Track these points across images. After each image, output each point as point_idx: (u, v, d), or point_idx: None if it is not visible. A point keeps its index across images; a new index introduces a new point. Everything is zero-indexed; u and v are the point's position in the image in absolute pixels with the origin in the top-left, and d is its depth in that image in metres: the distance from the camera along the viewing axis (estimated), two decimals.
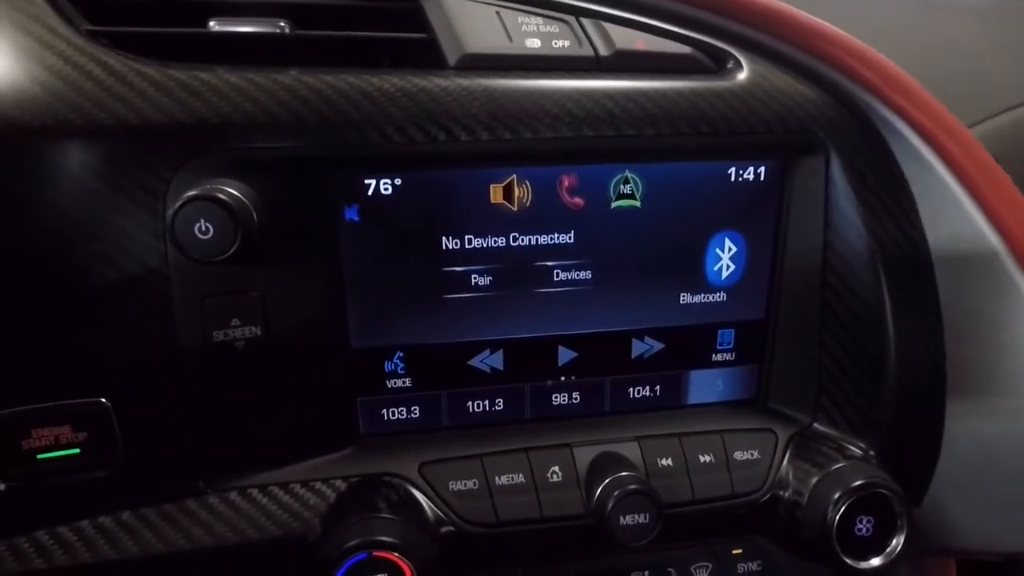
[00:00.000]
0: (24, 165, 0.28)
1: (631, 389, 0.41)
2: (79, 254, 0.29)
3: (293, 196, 0.33)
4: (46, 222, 0.29)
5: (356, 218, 0.35)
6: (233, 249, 0.30)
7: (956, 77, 0.71)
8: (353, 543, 0.31)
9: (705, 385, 0.42)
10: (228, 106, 0.31)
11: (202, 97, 0.31)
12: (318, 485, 0.34)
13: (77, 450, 0.30)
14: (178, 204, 0.29)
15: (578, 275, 0.38)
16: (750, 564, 0.41)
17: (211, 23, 0.35)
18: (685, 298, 0.40)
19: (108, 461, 0.31)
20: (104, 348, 0.30)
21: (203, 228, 0.29)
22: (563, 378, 0.40)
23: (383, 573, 0.31)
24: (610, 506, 0.34)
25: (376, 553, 0.31)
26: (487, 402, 0.39)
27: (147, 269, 0.30)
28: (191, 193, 0.29)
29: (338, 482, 0.35)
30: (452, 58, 0.36)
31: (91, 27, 0.32)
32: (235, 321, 0.32)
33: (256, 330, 0.33)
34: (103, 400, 0.30)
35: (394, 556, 0.31)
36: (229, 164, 0.31)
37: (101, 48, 0.31)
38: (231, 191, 0.30)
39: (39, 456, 0.30)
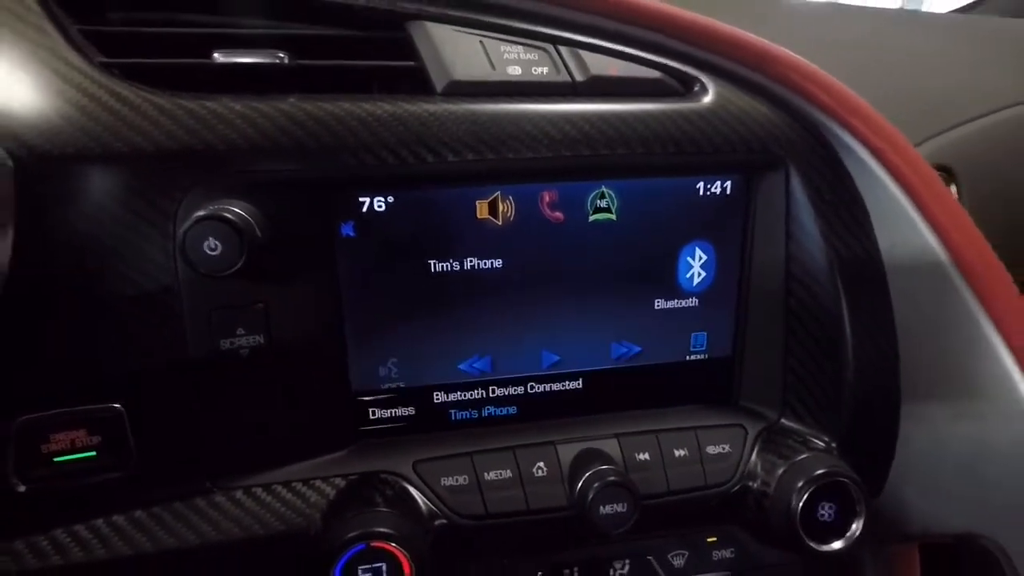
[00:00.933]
0: (47, 190, 0.30)
1: (610, 389, 0.43)
2: (97, 271, 0.32)
3: (293, 214, 0.36)
4: (68, 242, 0.31)
5: (352, 233, 0.38)
6: (239, 264, 0.32)
7: (917, 90, 0.75)
8: (352, 535, 0.33)
9: (680, 384, 0.44)
10: (233, 133, 0.34)
11: (209, 125, 0.33)
12: (318, 483, 0.37)
13: (93, 453, 0.32)
14: (188, 224, 0.32)
15: (559, 283, 0.41)
16: (724, 552, 0.43)
17: (215, 55, 0.38)
18: (659, 304, 0.43)
19: (121, 463, 0.33)
20: (119, 357, 0.33)
21: (212, 245, 0.32)
22: (547, 380, 0.43)
23: (381, 563, 0.33)
24: (591, 497, 0.36)
25: (374, 544, 0.33)
26: (476, 403, 0.42)
27: (160, 284, 0.33)
28: (200, 213, 0.32)
29: (337, 480, 0.37)
30: (439, 85, 0.38)
31: (104, 59, 0.34)
32: (240, 330, 0.35)
33: (260, 339, 0.35)
34: (117, 405, 0.33)
35: (391, 546, 0.33)
36: (235, 186, 0.34)
37: (114, 79, 0.33)
38: (237, 211, 0.33)
39: (56, 459, 0.33)
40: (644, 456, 0.40)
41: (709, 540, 0.43)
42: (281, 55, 0.38)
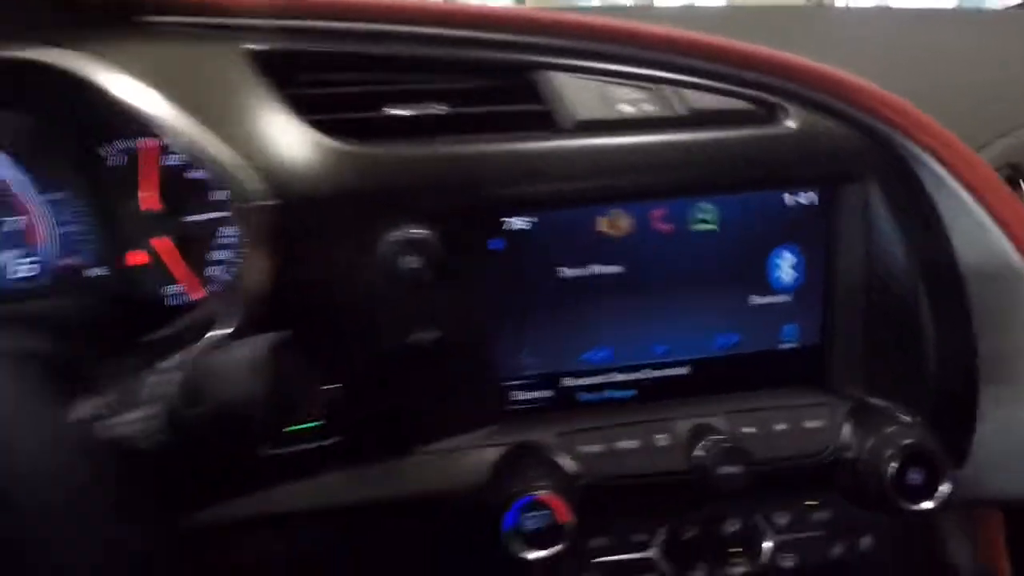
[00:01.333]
0: (291, 224, 0.40)
1: (715, 374, 0.50)
2: (326, 286, 0.41)
3: (456, 233, 0.44)
4: (304, 263, 0.41)
5: (499, 247, 0.46)
6: (426, 276, 0.41)
7: (988, 86, 0.78)
8: (521, 488, 0.41)
9: (776, 369, 0.51)
10: (413, 172, 0.43)
11: (395, 167, 0.43)
12: (484, 450, 0.45)
13: (321, 422, 0.42)
14: (388, 246, 0.41)
15: (669, 284, 0.49)
16: (822, 514, 0.49)
17: (385, 108, 0.47)
18: (754, 300, 0.50)
19: (340, 431, 0.42)
20: (340, 350, 0.42)
21: (406, 263, 0.41)
22: (660, 367, 0.50)
23: (545, 511, 0.41)
24: (708, 460, 0.43)
25: (539, 496, 0.41)
26: (599, 387, 0.50)
27: (368, 294, 0.42)
28: (396, 237, 0.41)
29: (497, 448, 0.45)
30: (566, 124, 0.47)
31: (312, 117, 0.44)
32: (422, 328, 0.43)
33: (436, 334, 0.44)
34: (340, 386, 0.42)
35: (552, 498, 0.41)
36: (417, 213, 0.43)
37: (323, 134, 0.43)
38: (421, 233, 0.42)
39: (287, 429, 0.42)
40: (749, 430, 0.47)
41: (809, 503, 0.49)
42: (439, 106, 0.47)
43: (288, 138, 0.42)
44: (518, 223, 0.46)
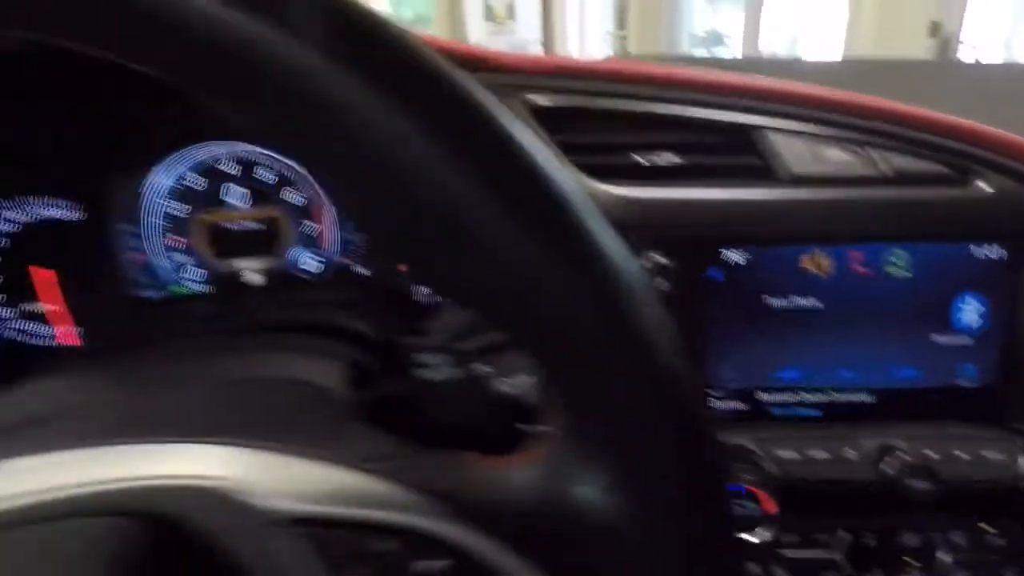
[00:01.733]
0: None
1: (895, 403, 0.57)
2: None
3: (684, 260, 0.53)
4: None
5: (716, 276, 0.55)
6: (666, 295, 0.50)
7: None
8: (734, 480, 0.49)
9: (953, 404, 0.57)
10: (655, 209, 0.53)
11: (642, 205, 0.53)
12: None
13: None
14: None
15: (859, 318, 0.56)
16: (997, 539, 0.54)
17: (633, 155, 0.57)
18: (936, 339, 0.56)
19: None
20: None
21: (655, 284, 0.50)
22: (844, 391, 0.57)
23: (753, 503, 0.49)
24: (897, 473, 0.50)
25: (749, 487, 0.49)
26: (788, 404, 0.57)
27: None
28: (647, 263, 0.51)
29: None
30: (782, 176, 0.55)
31: (573, 159, 0.55)
32: None
33: None
34: None
35: (759, 489, 0.49)
36: (657, 242, 0.52)
37: (586, 176, 0.53)
38: (667, 261, 0.51)
39: None
40: (930, 453, 0.53)
41: (985, 527, 0.54)
42: (674, 156, 0.57)
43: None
44: (735, 257, 0.55)
